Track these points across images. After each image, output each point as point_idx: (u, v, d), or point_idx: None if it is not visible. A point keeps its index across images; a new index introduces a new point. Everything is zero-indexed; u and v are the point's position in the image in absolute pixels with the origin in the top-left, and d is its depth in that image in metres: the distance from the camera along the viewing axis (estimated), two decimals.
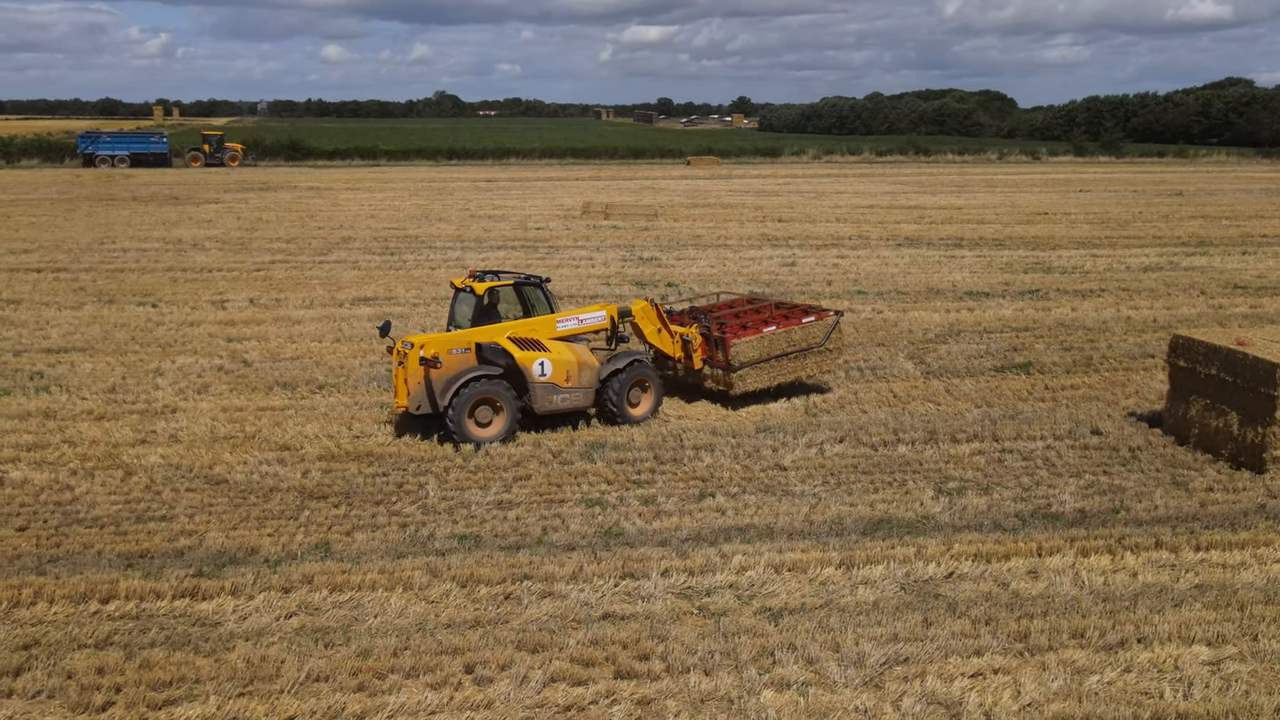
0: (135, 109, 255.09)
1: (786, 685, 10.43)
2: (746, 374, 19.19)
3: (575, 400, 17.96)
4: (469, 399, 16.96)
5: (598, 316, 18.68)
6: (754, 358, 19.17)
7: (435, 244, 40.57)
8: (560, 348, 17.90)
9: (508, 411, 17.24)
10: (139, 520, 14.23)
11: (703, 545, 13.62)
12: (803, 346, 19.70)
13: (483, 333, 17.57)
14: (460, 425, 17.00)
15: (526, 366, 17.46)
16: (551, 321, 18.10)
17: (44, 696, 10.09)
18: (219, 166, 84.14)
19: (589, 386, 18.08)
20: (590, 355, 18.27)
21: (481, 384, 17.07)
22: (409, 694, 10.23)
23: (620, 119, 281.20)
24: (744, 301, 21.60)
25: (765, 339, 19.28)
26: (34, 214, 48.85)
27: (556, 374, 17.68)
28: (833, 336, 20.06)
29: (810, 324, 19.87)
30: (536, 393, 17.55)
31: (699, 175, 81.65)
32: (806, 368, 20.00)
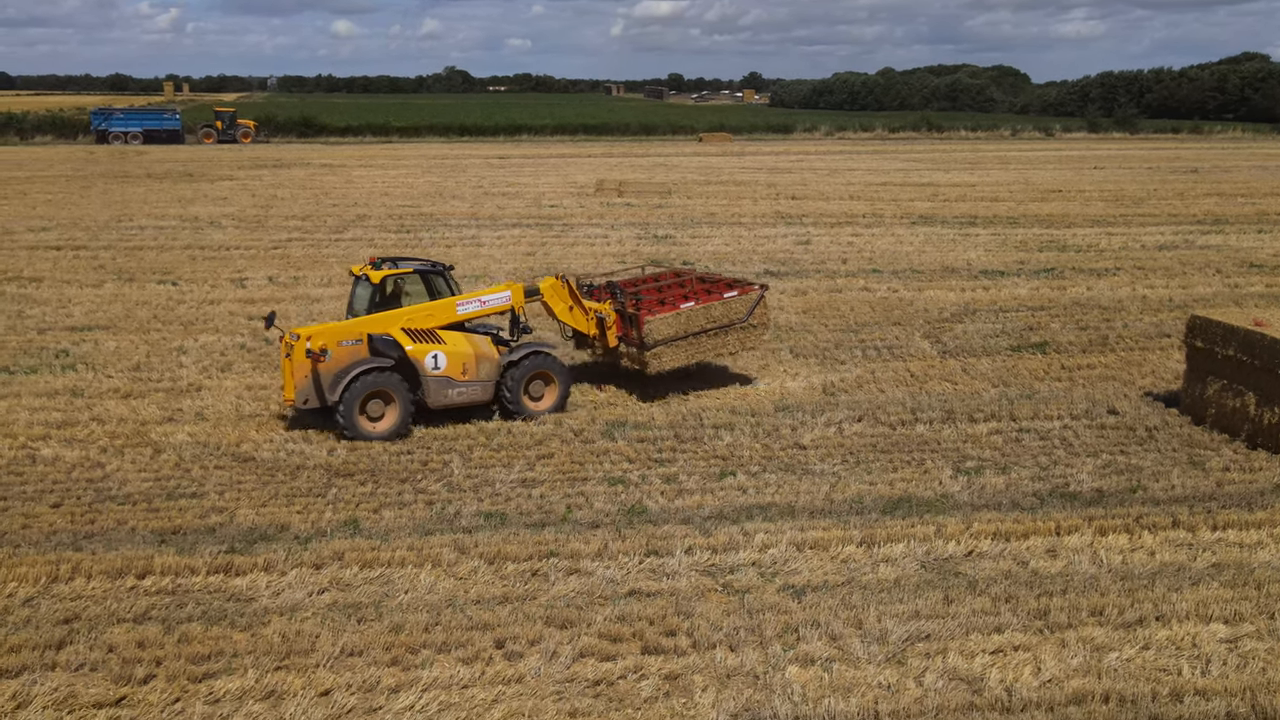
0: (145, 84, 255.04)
1: (811, 661, 10.64)
2: (662, 352, 18.23)
3: (473, 394, 17.24)
4: (360, 393, 16.34)
5: (502, 297, 17.85)
6: (670, 335, 18.18)
7: (450, 222, 40.71)
8: (457, 339, 17.20)
9: (400, 405, 16.61)
10: (170, 497, 14.48)
11: (725, 523, 13.82)
12: (724, 323, 18.70)
13: (376, 322, 16.84)
14: (351, 420, 16.40)
15: (419, 359, 16.78)
16: (451, 305, 17.33)
17: (86, 669, 10.34)
18: (232, 143, 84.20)
19: (488, 380, 17.33)
20: (490, 347, 17.54)
21: (372, 377, 16.42)
22: (441, 668, 10.46)
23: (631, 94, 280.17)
24: (670, 276, 20.49)
25: (682, 315, 18.34)
26: (50, 191, 49.08)
27: (451, 367, 16.99)
28: (757, 311, 19.05)
29: (733, 299, 18.81)
30: (430, 387, 16.88)
31: (711, 152, 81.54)
32: (729, 345, 19.04)
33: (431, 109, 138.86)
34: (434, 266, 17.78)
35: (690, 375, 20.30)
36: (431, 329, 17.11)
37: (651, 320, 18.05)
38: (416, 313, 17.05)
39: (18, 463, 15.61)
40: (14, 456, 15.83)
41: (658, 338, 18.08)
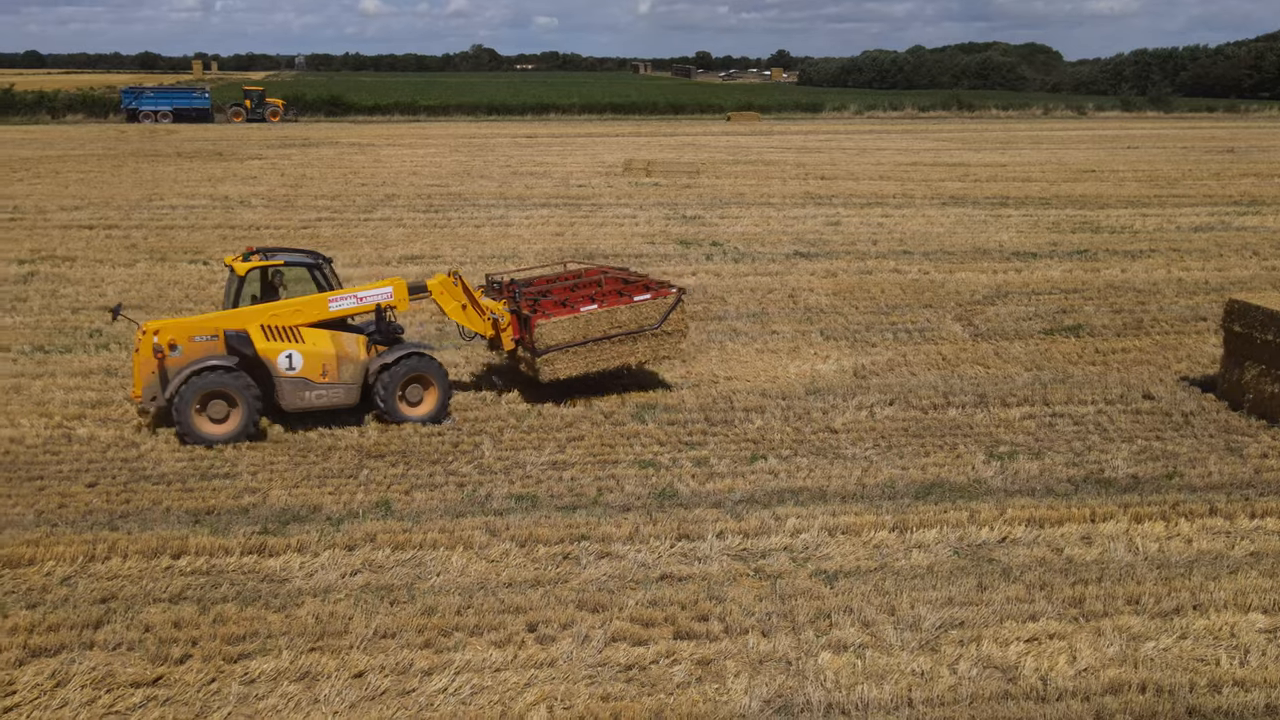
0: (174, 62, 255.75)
1: (844, 647, 10.60)
2: (555, 358, 16.85)
3: (335, 398, 16.07)
4: (195, 392, 15.32)
5: (383, 293, 16.66)
6: (565, 340, 16.80)
7: (479, 202, 40.71)
8: (319, 337, 16.02)
9: (243, 407, 15.51)
10: (203, 477, 14.56)
11: (756, 507, 13.78)
12: (632, 329, 17.19)
13: (234, 317, 15.88)
14: (186, 420, 15.38)
15: (270, 359, 15.64)
16: (323, 300, 16.21)
17: (124, 648, 10.43)
18: (260, 122, 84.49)
19: (352, 383, 16.13)
20: (356, 347, 16.36)
21: (211, 376, 15.37)
22: (474, 651, 10.49)
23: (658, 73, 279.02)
24: (592, 274, 18.87)
25: (580, 319, 16.85)
26: (82, 170, 49.39)
27: (309, 367, 15.80)
28: (672, 318, 17.46)
29: (643, 303, 17.26)
30: (284, 388, 15.75)
31: (739, 131, 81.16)
32: (637, 353, 17.48)
33: (459, 87, 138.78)
34: (312, 259, 16.73)
35: (720, 358, 20.27)
36: (296, 326, 16.01)
37: (544, 324, 16.68)
38: (283, 308, 16.01)
39: (54, 442, 15.74)
40: (50, 436, 15.96)
41: (550, 343, 16.73)
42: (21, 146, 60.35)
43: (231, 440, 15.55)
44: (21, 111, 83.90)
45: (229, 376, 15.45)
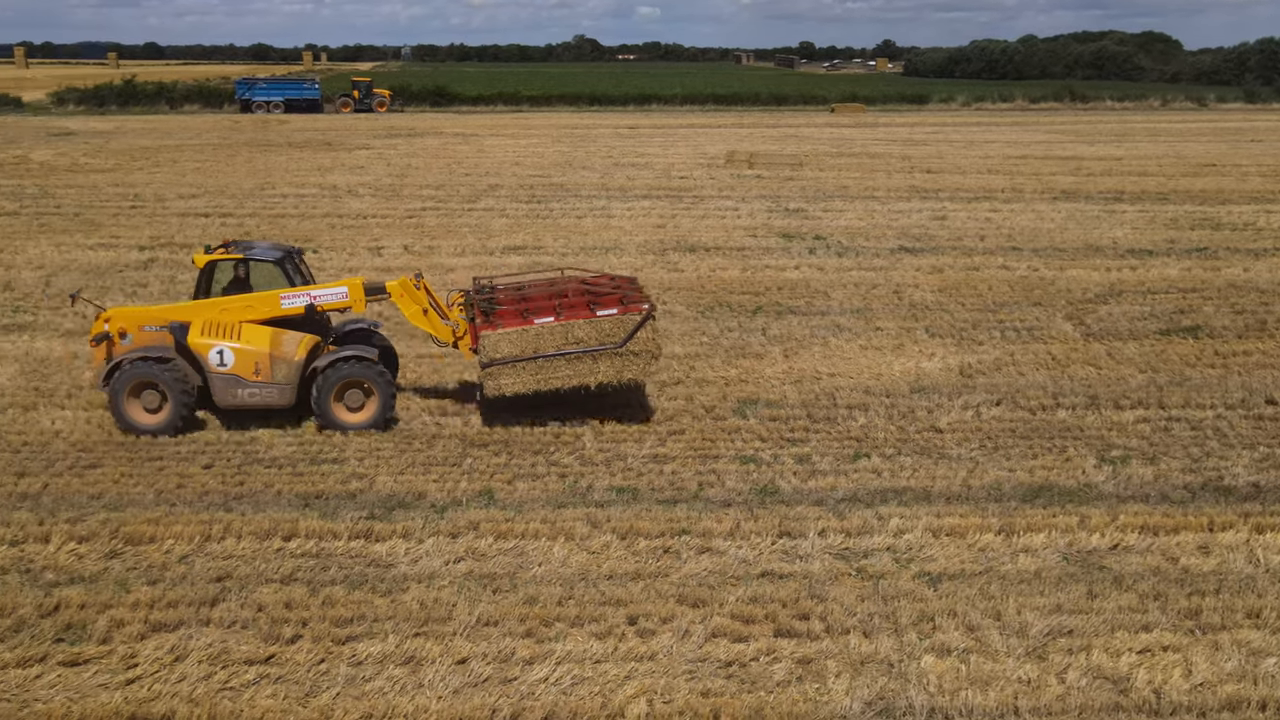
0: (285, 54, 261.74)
1: (947, 651, 10.44)
2: (500, 373, 15.64)
3: (268, 397, 15.74)
4: (125, 381, 15.40)
5: (337, 293, 16.20)
6: (511, 354, 15.60)
7: (581, 193, 40.92)
8: (257, 335, 15.73)
9: (172, 400, 15.45)
10: (313, 462, 14.91)
11: (859, 506, 13.63)
12: (592, 345, 15.71)
13: (185, 310, 15.97)
14: (117, 408, 15.54)
15: (201, 354, 15.54)
16: (274, 297, 15.97)
17: (238, 627, 10.75)
18: (368, 112, 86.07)
19: (285, 383, 15.74)
20: (293, 347, 15.92)
21: (139, 367, 15.35)
22: (575, 642, 10.57)
23: (761, 63, 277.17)
24: (575, 283, 17.32)
25: (530, 333, 15.61)
26: (198, 159, 50.90)
27: (241, 365, 15.54)
28: (640, 337, 15.78)
29: (605, 319, 15.73)
30: (215, 384, 15.63)
31: (843, 123, 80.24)
32: (598, 373, 15.88)
33: (561, 78, 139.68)
34: (278, 256, 16.47)
35: (823, 354, 20.09)
36: (241, 321, 15.86)
37: (489, 335, 15.58)
38: (233, 303, 15.95)
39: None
40: None
41: (495, 355, 15.56)
42: (142, 136, 62.43)
43: (162, 432, 15.55)
44: (142, 101, 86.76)
45: (158, 368, 15.39)
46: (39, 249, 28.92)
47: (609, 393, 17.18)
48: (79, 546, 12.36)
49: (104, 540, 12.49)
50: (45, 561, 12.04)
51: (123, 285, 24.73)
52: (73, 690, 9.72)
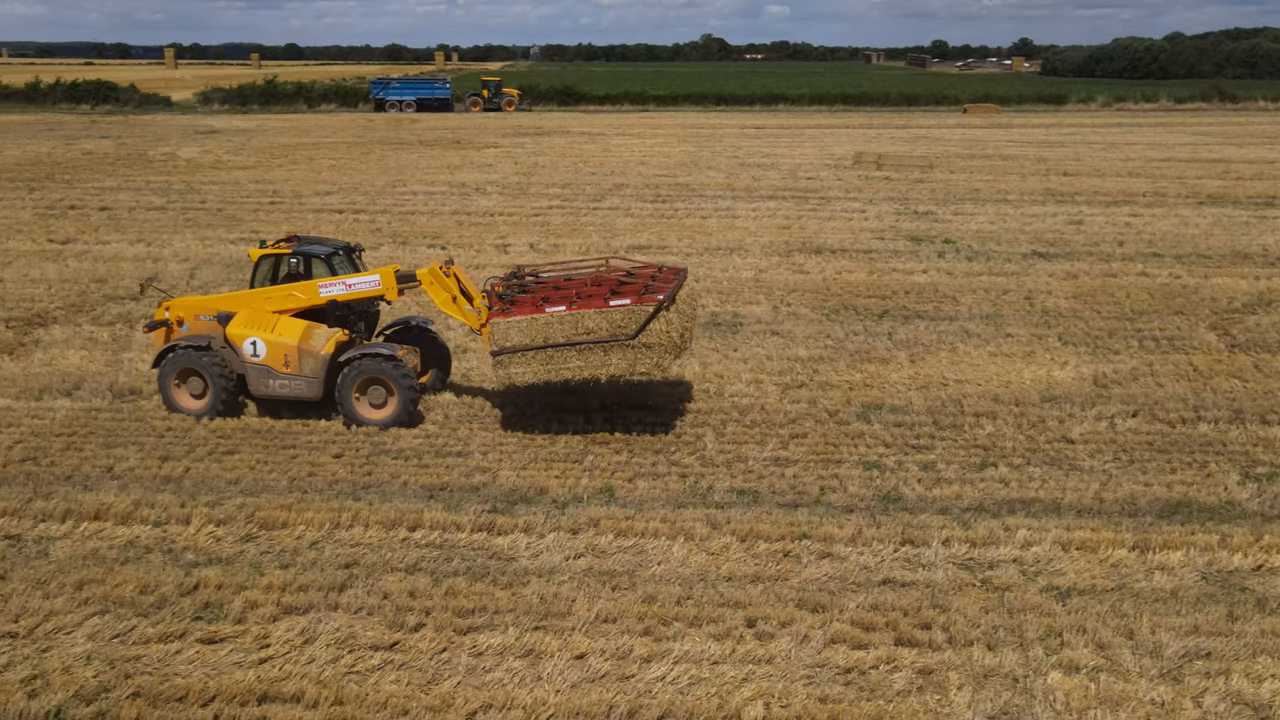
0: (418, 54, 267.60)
1: (1076, 669, 10.13)
2: (510, 361, 15.39)
3: (297, 389, 16.17)
4: (172, 368, 16.28)
5: (370, 281, 16.38)
6: (521, 342, 15.32)
7: (706, 192, 40.88)
8: (288, 328, 16.20)
9: (213, 386, 16.20)
10: (438, 455, 15.21)
11: (985, 516, 13.32)
12: (602, 337, 15.20)
13: (235, 300, 16.68)
14: (165, 392, 16.46)
15: (237, 344, 16.21)
16: (313, 286, 16.38)
17: (364, 613, 11.03)
18: (496, 111, 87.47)
19: (312, 376, 16.12)
20: (321, 341, 16.22)
21: (184, 355, 16.20)
22: (692, 642, 10.57)
23: (891, 63, 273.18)
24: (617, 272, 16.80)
25: (540, 322, 15.29)
26: (334, 157, 52.39)
27: (272, 356, 16.08)
28: (653, 328, 15.07)
29: (616, 309, 15.19)
30: (250, 374, 16.24)
31: (976, 124, 78.50)
32: (610, 365, 15.36)
33: (687, 77, 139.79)
34: (327, 251, 16.78)
35: (950, 360, 19.68)
36: (283, 311, 16.38)
37: (499, 323, 15.42)
38: (276, 292, 16.47)
39: (304, 413, 16.74)
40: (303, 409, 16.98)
41: (504, 343, 15.37)
42: (281, 134, 64.55)
43: (204, 415, 16.26)
44: (282, 101, 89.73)
45: (201, 355, 16.12)
46: (185, 242, 30.15)
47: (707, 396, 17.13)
48: (217, 529, 12.84)
49: (240, 524, 12.96)
50: (186, 542, 12.54)
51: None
52: (209, 666, 10.10)
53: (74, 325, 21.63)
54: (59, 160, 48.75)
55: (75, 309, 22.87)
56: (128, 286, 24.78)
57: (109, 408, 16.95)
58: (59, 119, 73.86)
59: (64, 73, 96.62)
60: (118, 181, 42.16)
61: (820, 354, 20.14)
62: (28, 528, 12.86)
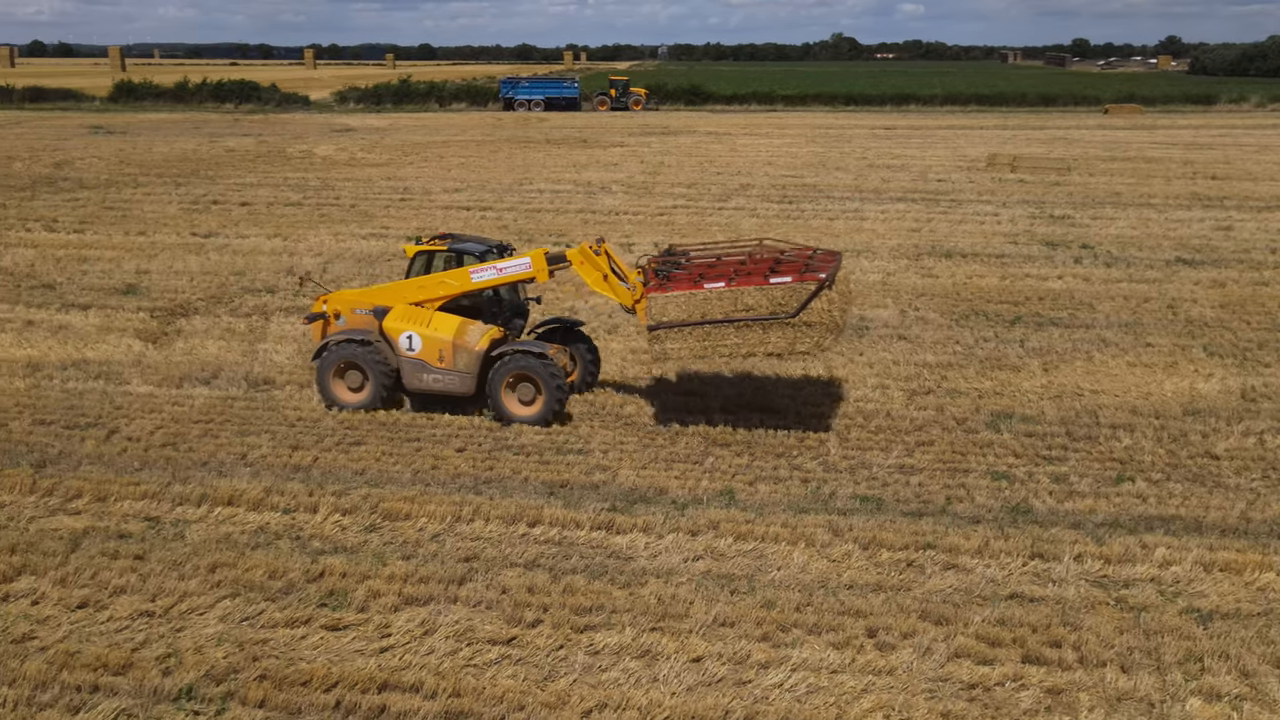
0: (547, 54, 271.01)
1: (1217, 696, 9.64)
2: (665, 337, 15.00)
3: (450, 384, 16.29)
4: (332, 361, 16.43)
5: (521, 264, 16.27)
6: (677, 318, 14.88)
7: (833, 194, 40.36)
8: (444, 323, 16.31)
9: (373, 379, 16.37)
10: (559, 452, 15.27)
11: (1120, 532, 12.79)
12: (763, 314, 14.71)
13: (388, 292, 16.82)
14: (323, 385, 16.62)
15: (393, 338, 16.39)
16: (465, 274, 16.36)
17: (484, 607, 11.12)
18: (623, 110, 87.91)
19: (466, 371, 16.19)
20: (475, 337, 16.30)
21: (344, 349, 16.37)
22: (811, 650, 10.37)
23: (1029, 62, 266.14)
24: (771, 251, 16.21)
25: (698, 297, 14.85)
26: (463, 155, 53.28)
27: (427, 351, 16.23)
28: (814, 307, 14.54)
29: (777, 286, 14.64)
30: (405, 368, 16.38)
31: (1118, 125, 75.88)
32: (768, 344, 14.90)
33: (816, 77, 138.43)
34: (482, 250, 16.78)
35: (1086, 369, 18.99)
36: (435, 301, 16.50)
37: (656, 298, 14.99)
38: (429, 281, 16.59)
39: (429, 407, 17.00)
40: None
41: (660, 319, 14.94)
42: (413, 132, 65.95)
43: (362, 408, 16.44)
44: (415, 100, 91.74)
45: (361, 349, 16.29)
46: (319, 237, 30.98)
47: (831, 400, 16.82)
48: (343, 518, 13.11)
49: (365, 514, 13.20)
50: (313, 530, 12.83)
51: (390, 273, 26.09)
52: (333, 653, 10.30)
53: (213, 316, 22.39)
54: (204, 157, 50.66)
55: (215, 300, 23.68)
56: (264, 279, 25.58)
57: (244, 396, 17.48)
58: (205, 117, 76.80)
59: (210, 73, 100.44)
60: (257, 178, 43.61)
61: (949, 360, 19.65)
62: (166, 510, 13.32)
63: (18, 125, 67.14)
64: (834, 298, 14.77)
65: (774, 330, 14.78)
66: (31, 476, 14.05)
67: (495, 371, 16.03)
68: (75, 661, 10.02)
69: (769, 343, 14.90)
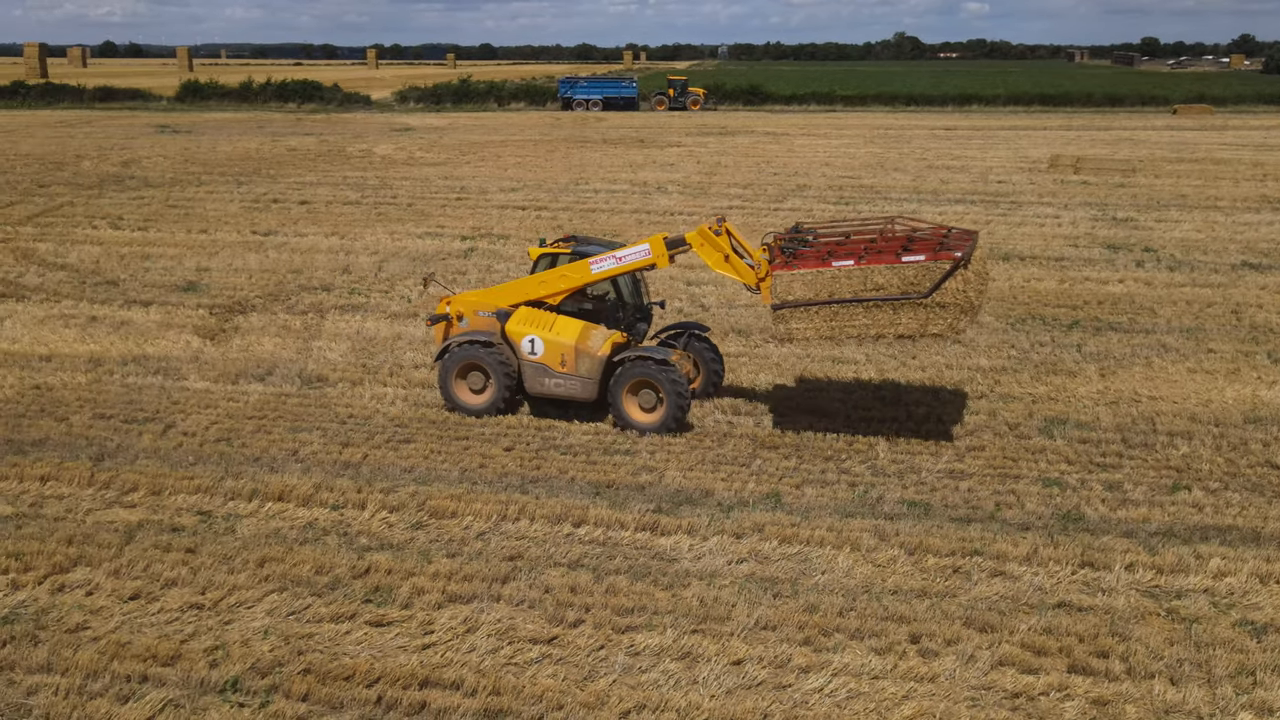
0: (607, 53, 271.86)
1: (1269, 711, 9.43)
2: (791, 316, 14.67)
3: (572, 389, 16.12)
4: (455, 362, 16.34)
5: (640, 251, 15.91)
6: (804, 297, 14.54)
7: (890, 195, 40.03)
8: (566, 327, 16.12)
9: (495, 382, 16.24)
10: (606, 452, 15.30)
11: (1174, 542, 12.55)
12: (894, 294, 14.26)
13: (511, 291, 16.70)
14: (445, 387, 16.55)
15: (516, 341, 16.24)
16: (584, 266, 16.10)
17: (525, 606, 11.17)
18: (681, 110, 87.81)
19: (588, 377, 15.99)
20: (598, 342, 16.09)
21: (466, 350, 16.28)
22: (853, 655, 10.30)
23: (1096, 61, 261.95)
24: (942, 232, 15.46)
25: (825, 275, 14.41)
26: (520, 154, 53.58)
27: (549, 355, 16.05)
28: (948, 287, 14.07)
29: (910, 265, 14.16)
30: (526, 371, 16.23)
31: (1186, 126, 74.41)
32: (899, 324, 14.45)
33: (877, 77, 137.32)
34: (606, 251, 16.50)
35: (1144, 375, 18.67)
36: (560, 291, 16.29)
37: (781, 275, 14.61)
38: (549, 276, 16.36)
39: None
40: None
41: (786, 297, 14.59)
42: (471, 132, 66.45)
43: (484, 412, 16.38)
44: (474, 99, 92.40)
45: (483, 351, 16.17)
46: (375, 236, 31.32)
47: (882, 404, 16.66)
48: (390, 515, 13.24)
49: (411, 511, 13.33)
50: (360, 527, 12.97)
51: (444, 271, 26.33)
52: (376, 649, 10.41)
53: (270, 313, 22.73)
54: (265, 156, 51.45)
55: (272, 298, 24.03)
56: (321, 278, 25.91)
57: (297, 393, 17.72)
58: (268, 116, 77.97)
59: (275, 73, 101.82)
60: (317, 177, 44.19)
61: (1003, 364, 19.41)
62: (218, 505, 13.54)
63: (88, 125, 68.64)
64: (969, 278, 14.25)
65: (905, 311, 14.37)
66: (90, 469, 14.36)
67: (617, 378, 15.79)
68: (126, 652, 10.22)
69: (899, 324, 14.50)
